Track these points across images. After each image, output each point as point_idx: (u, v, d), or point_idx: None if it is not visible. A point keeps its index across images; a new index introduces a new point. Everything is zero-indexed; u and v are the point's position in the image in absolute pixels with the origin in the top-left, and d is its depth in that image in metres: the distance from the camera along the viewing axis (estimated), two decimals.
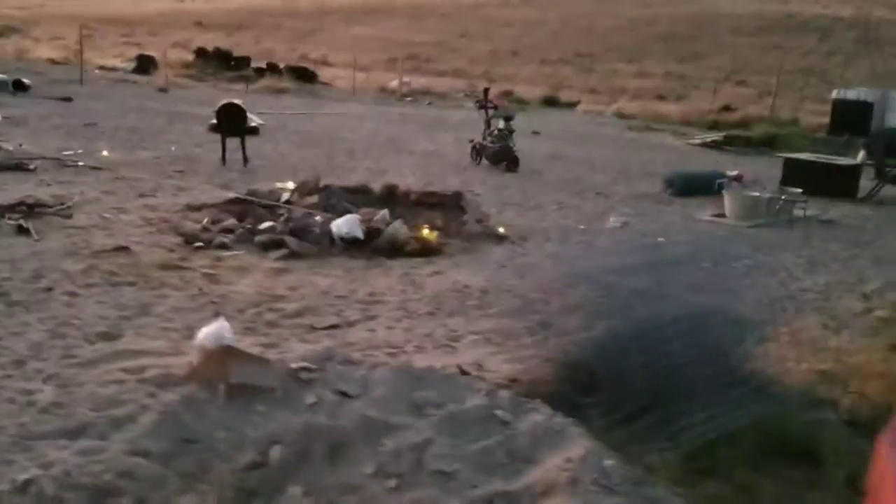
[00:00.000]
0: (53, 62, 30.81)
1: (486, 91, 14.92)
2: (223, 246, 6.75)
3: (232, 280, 5.81)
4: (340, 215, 7.79)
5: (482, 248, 7.43)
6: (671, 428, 3.61)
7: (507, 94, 33.49)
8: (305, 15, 68.73)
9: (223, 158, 11.89)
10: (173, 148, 13.08)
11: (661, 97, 34.19)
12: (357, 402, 3.45)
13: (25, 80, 20.14)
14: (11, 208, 7.46)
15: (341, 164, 13.05)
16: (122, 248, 6.43)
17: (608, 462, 3.09)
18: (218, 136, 14.87)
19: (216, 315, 5.01)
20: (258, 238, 6.94)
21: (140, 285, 5.49)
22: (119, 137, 13.69)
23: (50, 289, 5.26)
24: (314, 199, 8.42)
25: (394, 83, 34.12)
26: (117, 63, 31.10)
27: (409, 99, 29.28)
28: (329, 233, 7.17)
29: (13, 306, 4.87)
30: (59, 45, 40.10)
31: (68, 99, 18.95)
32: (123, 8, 68.35)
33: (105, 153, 11.64)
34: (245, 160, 11.87)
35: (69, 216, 7.48)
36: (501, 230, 8.04)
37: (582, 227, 8.62)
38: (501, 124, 13.48)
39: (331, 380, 3.60)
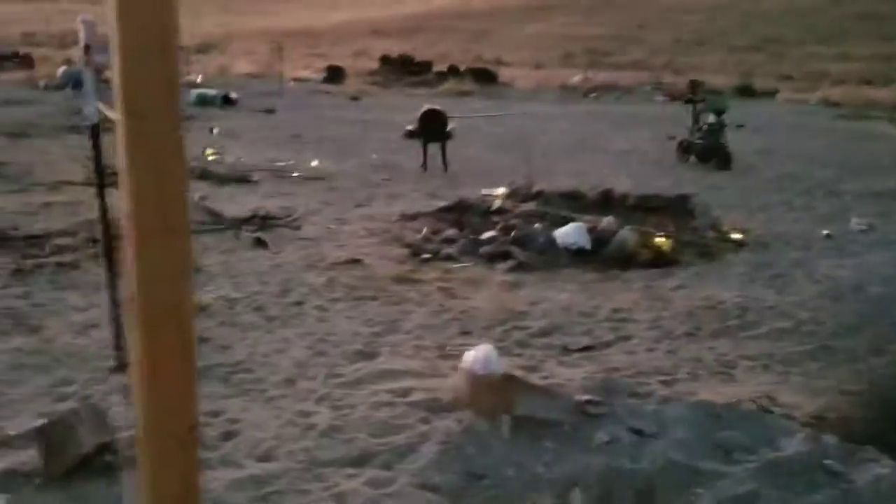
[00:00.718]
0: (252, 76, 32.85)
1: (693, 84, 14.13)
2: (450, 258, 6.66)
3: (468, 294, 5.67)
4: (559, 224, 7.52)
5: (720, 256, 6.87)
6: None
7: (699, 86, 32.03)
8: (478, 16, 69.41)
9: (424, 165, 11.98)
10: (374, 156, 13.35)
11: (867, 82, 31.28)
12: (656, 443, 3.12)
13: (233, 95, 21.51)
14: (247, 220, 7.81)
15: (540, 166, 12.75)
16: (356, 261, 6.48)
17: None
18: (414, 143, 15.19)
19: (464, 332, 4.87)
20: (483, 249, 6.79)
21: (382, 300, 5.47)
22: (323, 147, 14.17)
23: (300, 303, 5.35)
24: (529, 205, 8.19)
25: (575, 79, 33.52)
26: (309, 74, 32.64)
27: (593, 95, 28.57)
28: (553, 242, 6.89)
29: (272, 321, 4.97)
30: (253, 60, 42.95)
31: (271, 111, 20.00)
32: (309, 21, 72.19)
33: (315, 163, 12.08)
34: (445, 166, 11.88)
35: (298, 227, 7.70)
36: (737, 236, 7.42)
37: (826, 232, 7.78)
38: (711, 118, 12.63)
39: (621, 415, 3.29)
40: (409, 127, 16.63)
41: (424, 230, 7.68)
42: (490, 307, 5.37)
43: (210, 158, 12.06)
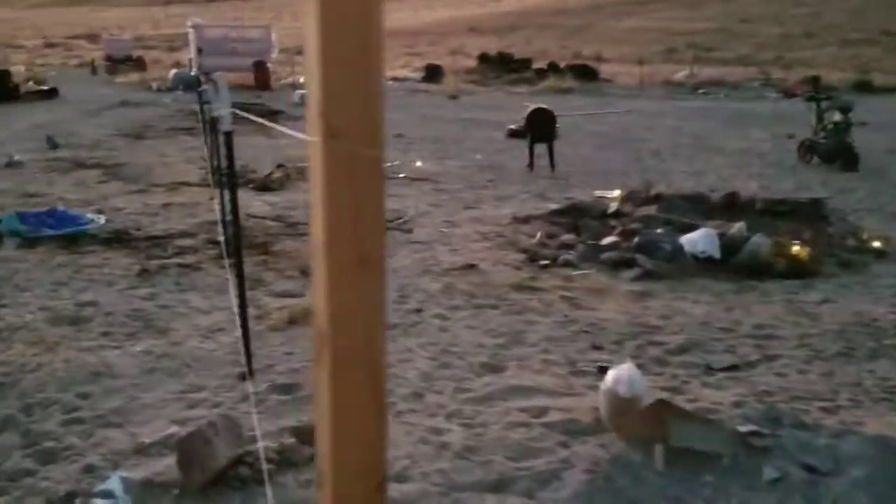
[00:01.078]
0: None
1: (815, 80, 13.30)
2: (569, 264, 6.40)
3: (593, 304, 5.40)
4: (684, 229, 7.15)
5: (862, 267, 6.35)
6: None
7: (815, 81, 30.51)
8: (575, 11, 68.45)
9: (531, 165, 11.71)
10: (478, 156, 13.18)
11: None
12: (834, 482, 2.80)
13: None
14: None
15: (652, 166, 12.33)
16: (471, 266, 6.31)
17: None
18: (518, 143, 14.95)
19: (594, 346, 4.62)
20: (605, 255, 6.50)
21: (503, 309, 5.27)
22: (425, 147, 14.10)
23: (419, 310, 5.21)
24: (649, 209, 7.83)
25: (678, 75, 32.53)
26: (407, 73, 32.85)
27: (701, 91, 27.61)
28: (680, 249, 6.53)
29: (393, 328, 4.85)
30: None
31: None
32: (405, 21, 72.92)
33: (418, 163, 12.01)
34: (553, 166, 11.58)
35: (410, 230, 7.60)
36: (877, 244, 6.86)
37: None
38: (837, 117, 11.86)
39: (789, 448, 2.98)
40: (513, 126, 16.41)
41: (539, 234, 7.44)
42: (619, 319, 5.09)
43: None
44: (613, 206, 8.42)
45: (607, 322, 5.03)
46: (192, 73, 25.59)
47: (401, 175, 10.96)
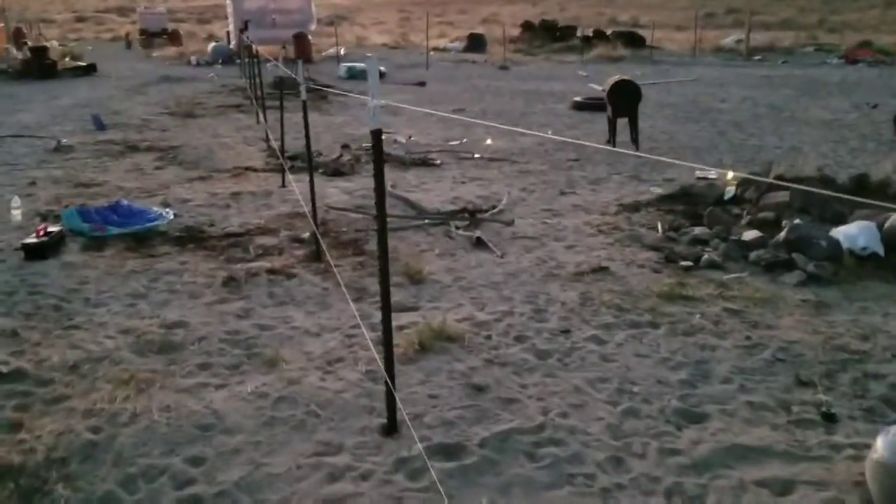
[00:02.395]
0: (391, 47, 32.28)
1: None
2: (714, 265, 5.51)
3: (769, 320, 4.52)
4: (829, 220, 6.23)
5: None
6: None
7: (867, 45, 28.94)
8: None
9: (612, 141, 10.77)
10: (549, 132, 12.23)
11: None
12: None
13: (381, 68, 20.83)
14: (454, 214, 6.93)
15: (740, 141, 11.33)
16: (602, 269, 5.46)
17: None
18: (585, 115, 13.98)
19: (801, 381, 3.75)
20: (755, 255, 5.60)
21: (665, 328, 4.41)
22: (489, 121, 13.16)
23: (567, 331, 4.37)
24: (777, 195, 6.88)
25: (726, 41, 31.06)
26: (447, 43, 31.73)
27: (757, 58, 26.23)
28: (838, 245, 5.61)
29: (545, 358, 4.02)
30: (383, 30, 42.48)
31: (422, 83, 19.19)
32: None
33: (489, 141, 11.11)
34: (637, 143, 10.63)
35: (511, 222, 6.74)
36: None
37: None
38: None
39: None
40: (578, 98, 15.42)
41: (659, 226, 6.56)
42: (810, 340, 4.21)
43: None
44: (731, 191, 7.49)
45: (798, 345, 4.15)
46: (231, 46, 24.79)
47: (476, 155, 10.08)
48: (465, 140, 11.29)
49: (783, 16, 48.51)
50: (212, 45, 25.51)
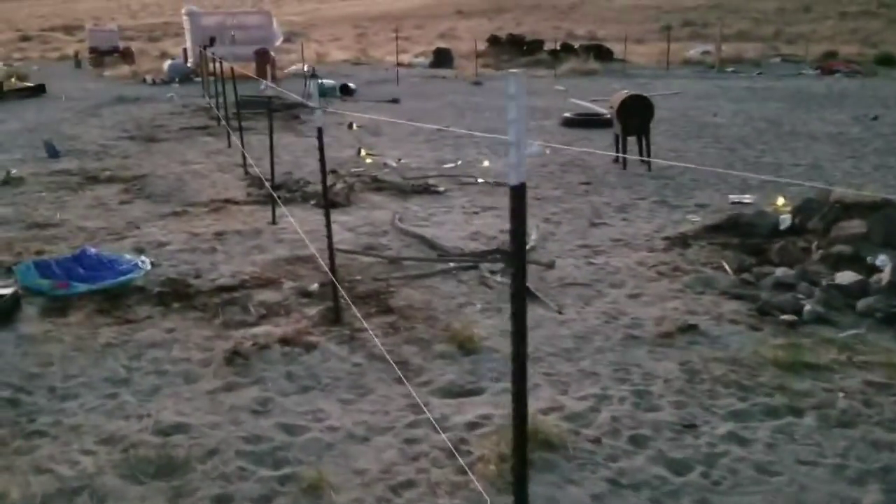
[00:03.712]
0: (353, 62, 31.25)
1: None
2: (821, 319, 4.59)
3: None
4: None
5: None
6: None
7: (832, 55, 28.85)
8: None
9: (621, 161, 9.92)
10: (547, 151, 11.32)
11: None
12: None
13: (351, 84, 19.80)
14: (484, 256, 5.92)
15: (754, 159, 10.57)
16: (691, 328, 4.50)
17: None
18: (575, 132, 13.14)
19: None
20: (864, 304, 4.70)
21: (812, 414, 3.44)
22: (477, 142, 12.21)
23: (691, 425, 3.38)
24: (856, 226, 6.03)
25: (691, 53, 30.72)
26: (412, 59, 30.82)
27: (730, 69, 25.82)
28: None
29: (684, 473, 3.00)
30: (341, 46, 41.35)
31: (396, 100, 18.16)
32: (387, 5, 70.50)
33: (486, 163, 10.17)
34: (648, 164, 9.77)
35: (551, 265, 5.76)
36: None
37: None
38: None
39: None
40: (567, 114, 14.57)
41: (727, 266, 5.65)
42: None
43: (367, 161, 10.28)
44: (786, 220, 6.65)
45: None
46: (188, 65, 23.49)
47: (480, 180, 9.09)
48: (459, 162, 10.32)
49: (738, 28, 48.84)
50: (168, 62, 24.15)
